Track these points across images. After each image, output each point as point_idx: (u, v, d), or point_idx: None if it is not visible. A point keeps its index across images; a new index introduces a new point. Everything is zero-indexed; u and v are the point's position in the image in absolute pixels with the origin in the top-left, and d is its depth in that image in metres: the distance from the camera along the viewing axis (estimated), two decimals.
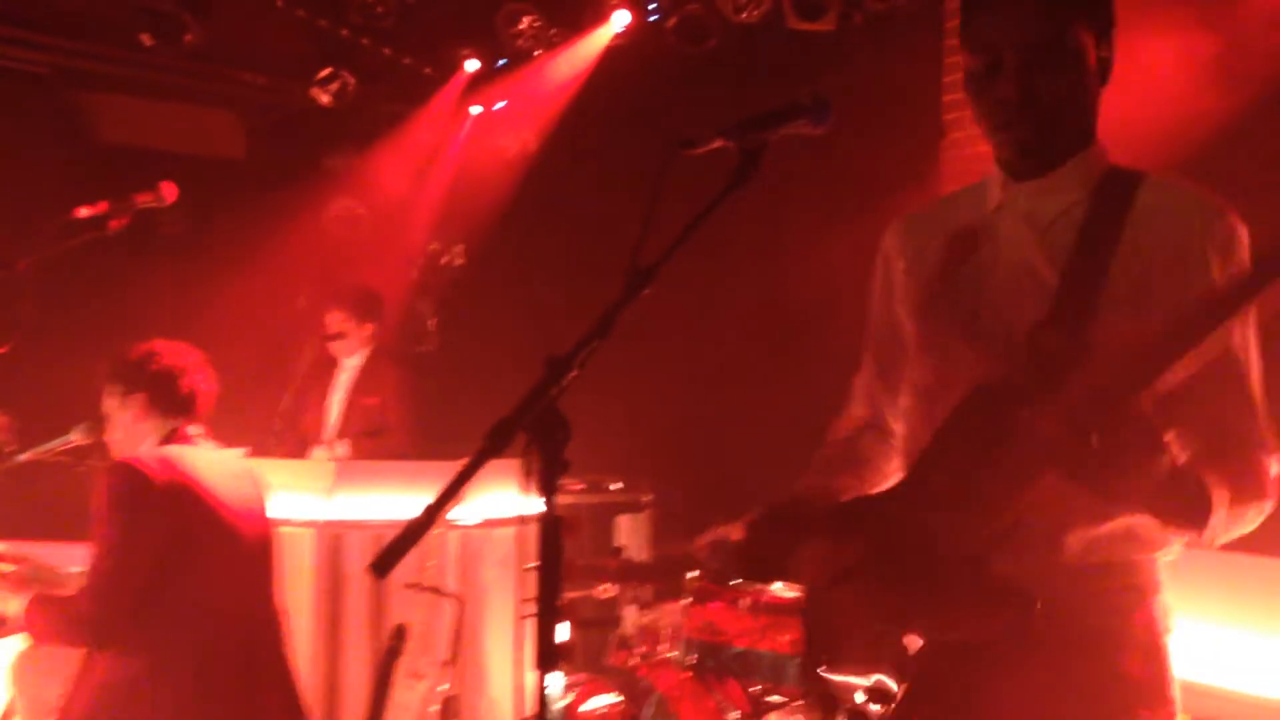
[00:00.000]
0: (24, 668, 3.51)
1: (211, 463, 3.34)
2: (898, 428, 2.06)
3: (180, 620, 3.10)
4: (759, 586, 3.91)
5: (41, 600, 3.13)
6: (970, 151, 4.68)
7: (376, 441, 5.40)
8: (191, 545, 3.13)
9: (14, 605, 3.14)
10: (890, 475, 2.05)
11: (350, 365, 5.64)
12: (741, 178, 1.66)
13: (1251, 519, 1.74)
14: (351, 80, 6.60)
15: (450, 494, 1.57)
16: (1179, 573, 1.84)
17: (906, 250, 2.04)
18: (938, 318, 1.94)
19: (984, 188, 1.94)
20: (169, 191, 3.31)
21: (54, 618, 3.07)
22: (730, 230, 1.79)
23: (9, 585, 3.22)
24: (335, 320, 5.54)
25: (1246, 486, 1.71)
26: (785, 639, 3.80)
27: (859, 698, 1.97)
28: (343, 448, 5.40)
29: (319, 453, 5.45)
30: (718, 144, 1.68)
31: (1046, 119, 1.80)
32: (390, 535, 1.49)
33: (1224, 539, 1.74)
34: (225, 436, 3.47)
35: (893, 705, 1.83)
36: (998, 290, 1.85)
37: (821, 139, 1.73)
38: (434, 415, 5.60)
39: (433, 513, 1.52)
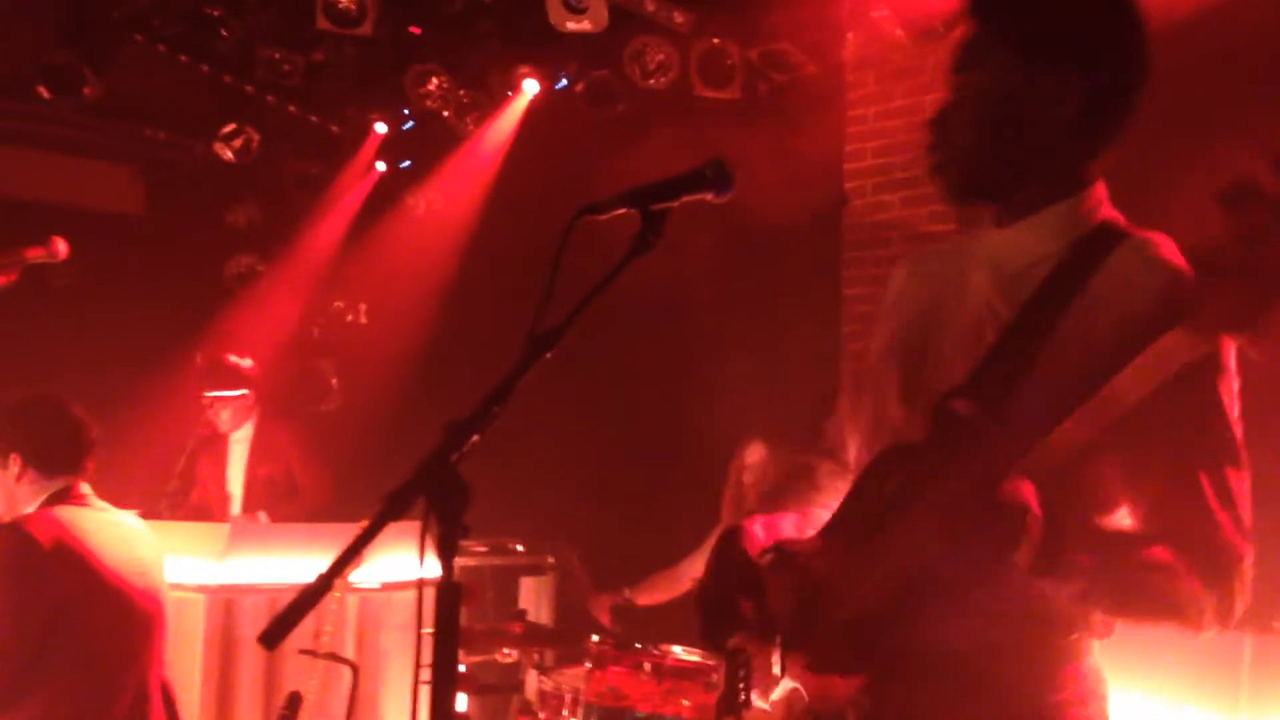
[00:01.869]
0: None
1: (102, 525, 3.24)
2: (849, 464, 2.03)
3: (67, 685, 3.00)
4: (664, 650, 3.90)
5: None
6: (870, 219, 4.78)
7: (292, 506, 5.29)
8: (80, 611, 3.03)
9: None
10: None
11: (240, 438, 5.52)
12: (643, 245, 1.66)
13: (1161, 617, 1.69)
14: (256, 137, 6.53)
15: (346, 559, 1.55)
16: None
17: (901, 285, 2.00)
18: (888, 362, 1.91)
19: (977, 227, 1.86)
20: (61, 247, 3.23)
21: None
22: (633, 293, 1.79)
23: None
24: (213, 402, 5.42)
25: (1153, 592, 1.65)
26: (688, 703, 3.78)
27: None
28: (263, 517, 5.28)
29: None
30: (621, 211, 1.69)
31: (967, 168, 1.78)
32: (285, 599, 1.46)
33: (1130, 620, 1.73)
34: (117, 497, 3.37)
35: None
36: (949, 344, 1.80)
37: (726, 205, 1.75)
38: (335, 475, 5.52)
39: (327, 579, 1.49)
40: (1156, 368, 1.47)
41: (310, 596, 1.45)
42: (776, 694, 1.85)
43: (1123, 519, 1.70)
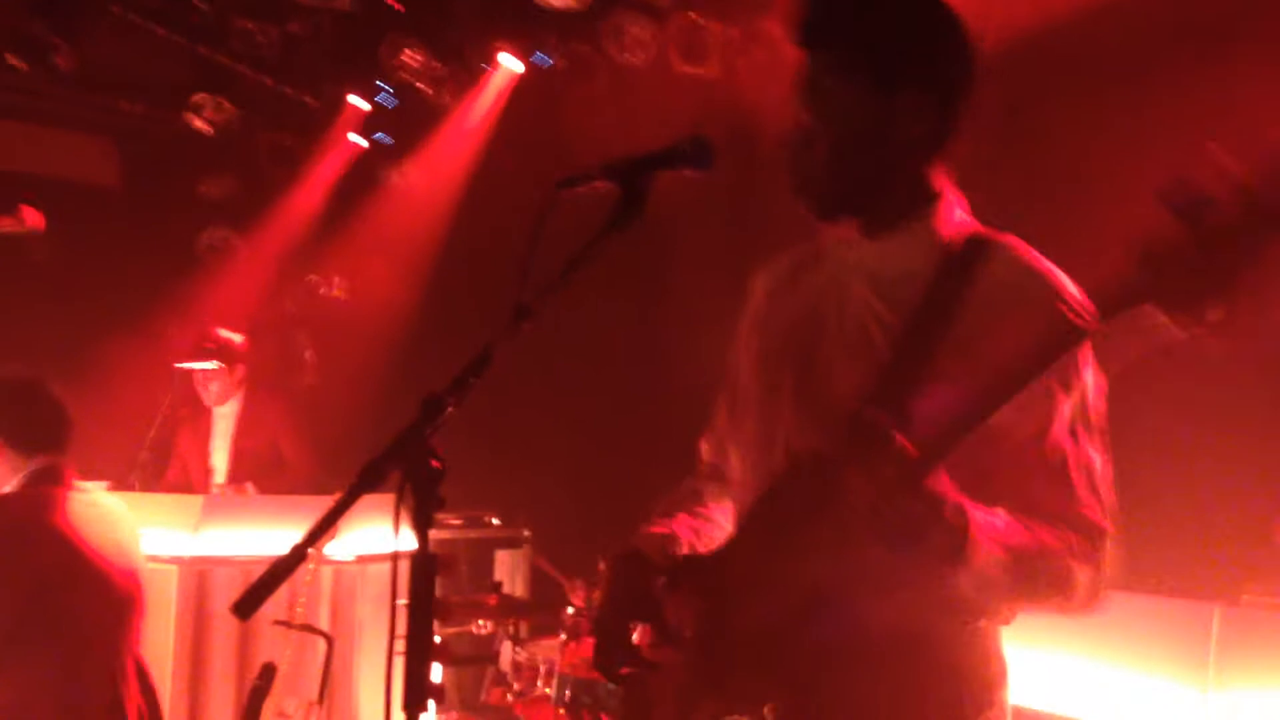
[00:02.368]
0: None
1: (80, 505, 3.22)
2: (734, 479, 2.05)
3: (44, 663, 2.99)
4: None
5: None
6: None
7: (278, 478, 5.28)
8: (57, 591, 3.03)
9: None
10: (726, 530, 2.03)
11: (225, 412, 5.49)
12: (622, 219, 1.66)
13: (1048, 598, 1.74)
14: (230, 108, 6.49)
15: (321, 530, 1.56)
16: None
17: (765, 295, 2.05)
18: (769, 373, 1.94)
19: (847, 238, 1.90)
20: (32, 216, 3.21)
21: None
22: (610, 265, 1.80)
23: None
24: (205, 374, 5.40)
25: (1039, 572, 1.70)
26: None
27: None
28: (251, 489, 5.27)
29: (223, 494, 5.30)
30: (599, 184, 1.69)
31: (825, 188, 1.83)
32: (259, 571, 1.46)
33: (1023, 608, 1.78)
34: (87, 467, 3.36)
35: None
36: (832, 353, 1.84)
37: (706, 181, 1.76)
38: (322, 449, 5.50)
39: (301, 550, 1.50)
40: (1039, 358, 1.55)
41: (284, 567, 1.46)
42: None
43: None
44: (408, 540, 1.53)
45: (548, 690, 4.06)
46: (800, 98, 1.83)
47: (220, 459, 5.45)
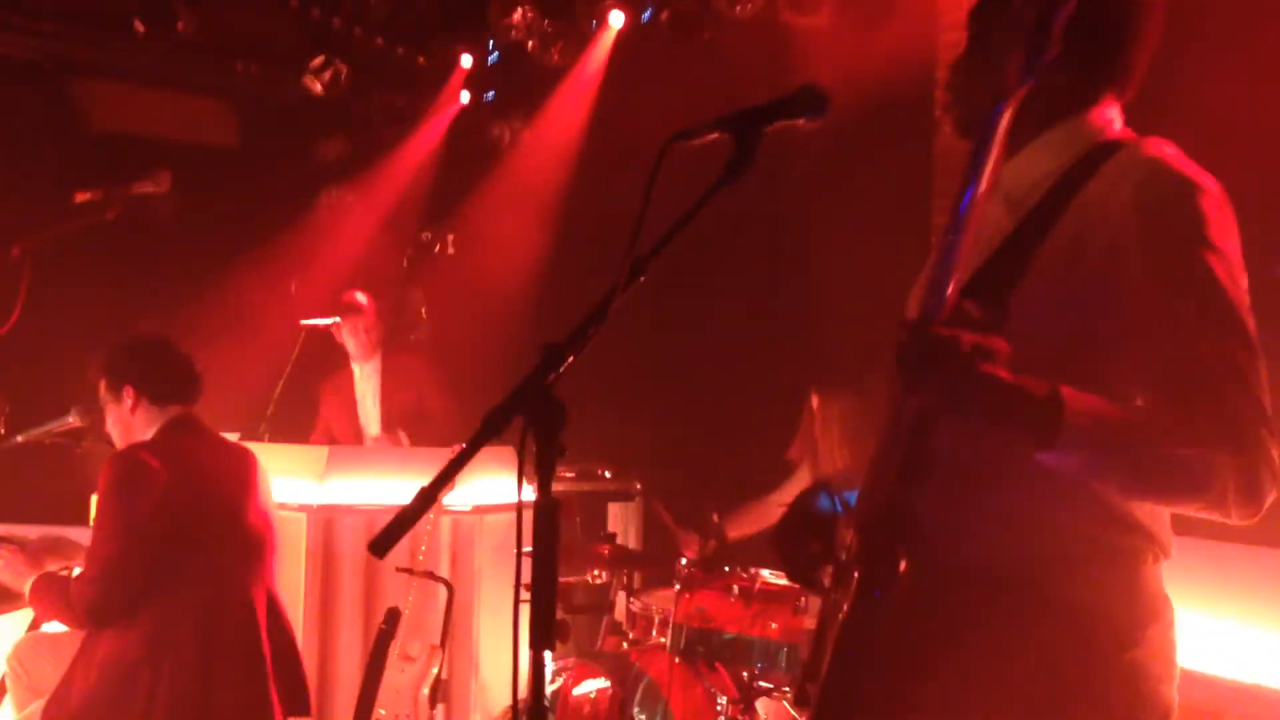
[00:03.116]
0: (23, 656, 3.56)
1: (212, 450, 3.39)
2: None
3: (180, 603, 3.15)
4: (753, 573, 3.96)
5: (46, 580, 3.19)
6: (961, 147, 4.71)
7: (424, 430, 5.42)
8: (190, 530, 3.18)
9: (26, 583, 3.21)
10: None
11: (370, 370, 5.62)
12: (736, 171, 1.67)
13: (1181, 488, 1.63)
14: (344, 70, 6.61)
15: (446, 477, 1.61)
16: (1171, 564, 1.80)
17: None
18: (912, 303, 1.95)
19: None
20: (165, 179, 3.35)
21: (55, 599, 3.13)
22: (724, 221, 1.81)
23: (26, 559, 3.28)
24: (341, 329, 5.53)
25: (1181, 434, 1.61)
26: (775, 626, 3.84)
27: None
28: (404, 437, 5.44)
29: (379, 445, 5.47)
30: (713, 136, 1.70)
31: (965, 103, 1.85)
32: (382, 520, 1.53)
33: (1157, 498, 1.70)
34: (215, 421, 3.51)
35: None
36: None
37: (816, 133, 1.76)
38: (464, 402, 5.60)
39: (429, 495, 1.55)
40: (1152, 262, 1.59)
41: (415, 510, 1.52)
42: None
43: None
44: (529, 488, 1.58)
45: (662, 639, 4.12)
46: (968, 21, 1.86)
47: (372, 415, 5.58)
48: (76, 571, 3.29)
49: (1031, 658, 1.70)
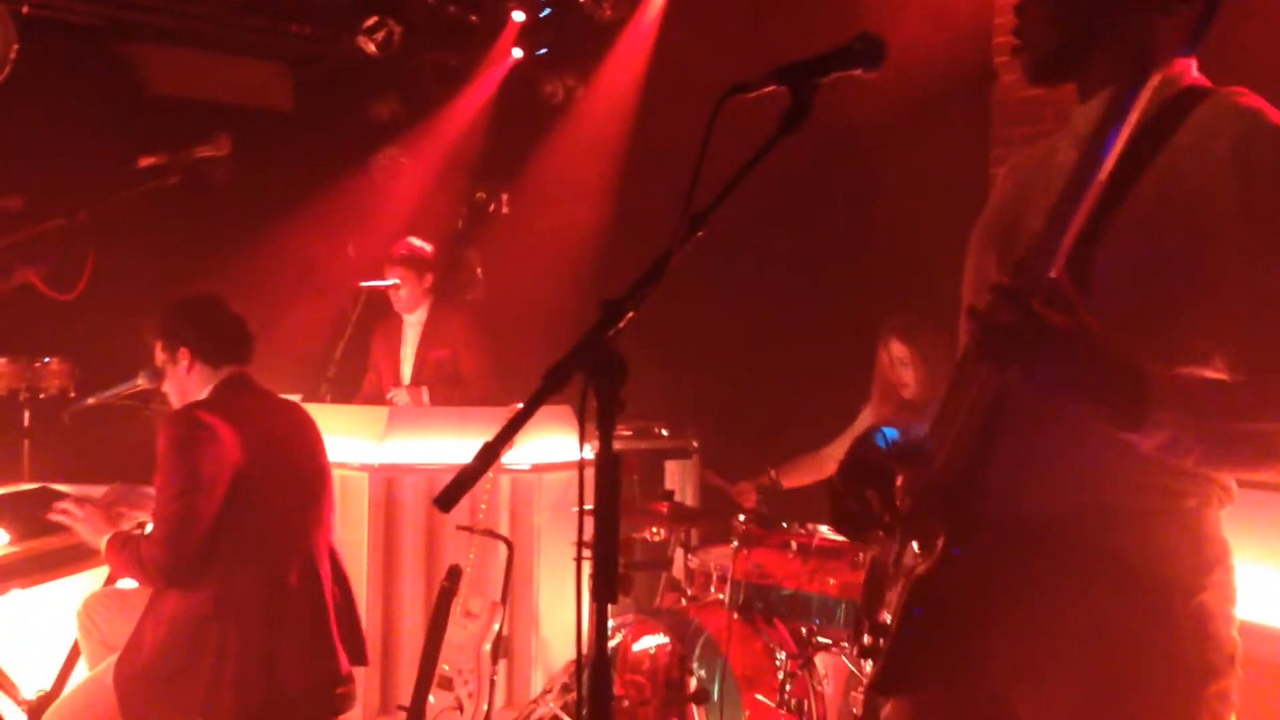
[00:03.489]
0: (93, 610, 3.64)
1: (265, 405, 3.44)
2: None
3: (246, 559, 3.21)
4: (811, 529, 3.96)
5: (121, 538, 3.27)
6: (1019, 95, 4.64)
7: (454, 390, 5.47)
8: (250, 486, 3.23)
9: (103, 539, 3.29)
10: None
11: (414, 320, 5.66)
12: (793, 122, 1.66)
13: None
14: (397, 29, 6.61)
15: (509, 433, 1.61)
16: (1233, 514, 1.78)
17: (998, 185, 2.02)
18: (979, 254, 1.92)
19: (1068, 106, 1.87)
20: (225, 142, 3.38)
21: (128, 557, 3.20)
22: (782, 174, 1.80)
23: (102, 515, 3.36)
24: (395, 275, 5.55)
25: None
26: (833, 581, 3.85)
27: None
28: (425, 394, 5.47)
29: (398, 394, 5.50)
30: (770, 89, 1.69)
31: (1041, 48, 1.80)
32: (442, 479, 1.54)
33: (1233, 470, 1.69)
34: (277, 383, 3.55)
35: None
36: (1038, 219, 1.75)
37: (873, 84, 1.74)
38: (499, 366, 5.62)
39: (493, 450, 1.57)
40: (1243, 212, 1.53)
41: (480, 464, 1.53)
42: None
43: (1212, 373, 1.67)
44: (586, 447, 1.59)
45: (720, 596, 4.15)
46: None
47: (407, 366, 5.64)
48: (149, 529, 3.36)
49: (1102, 605, 1.70)
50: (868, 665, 1.94)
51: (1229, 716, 1.71)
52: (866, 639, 1.93)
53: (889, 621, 1.85)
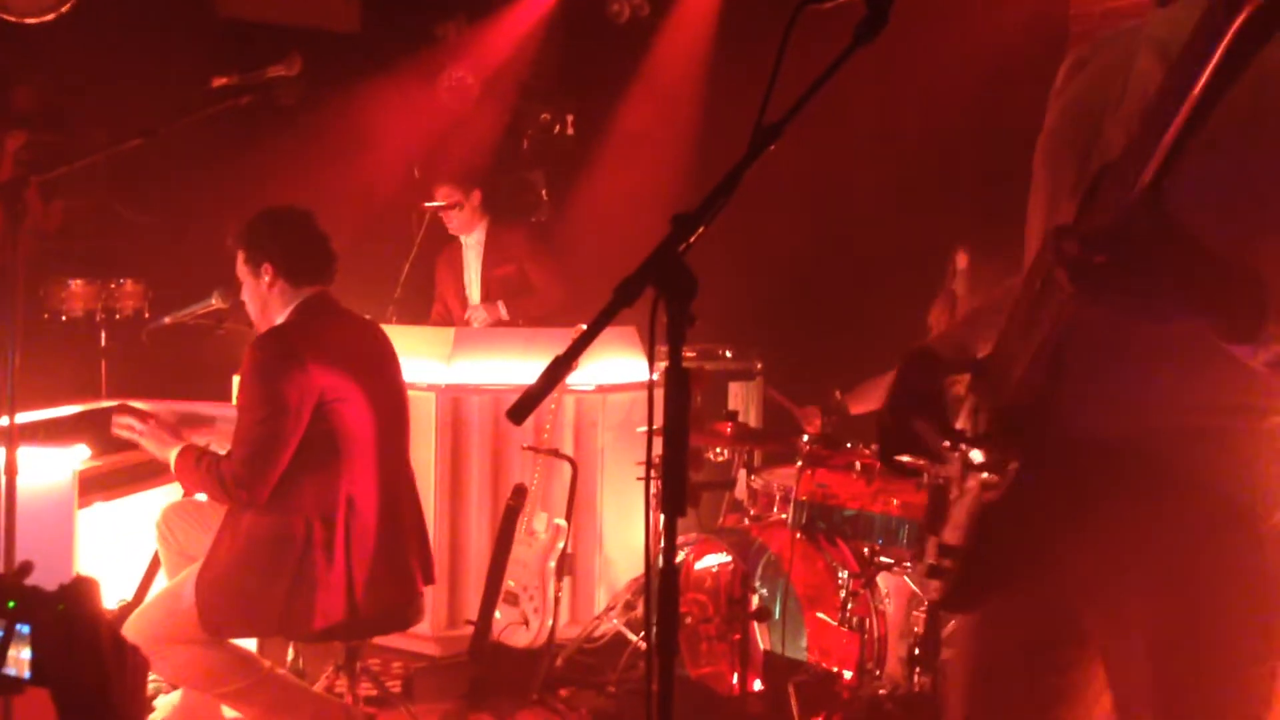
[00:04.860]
0: (170, 520, 3.71)
1: (346, 326, 3.47)
2: None
3: (326, 479, 3.25)
4: (875, 450, 3.96)
5: (195, 452, 3.31)
6: (1099, 7, 4.53)
7: (529, 301, 5.51)
8: (335, 410, 3.26)
9: (171, 451, 3.33)
10: None
11: (473, 242, 5.68)
12: (868, 31, 1.63)
13: None
14: None
15: (581, 346, 1.60)
16: None
17: (1064, 79, 1.93)
18: (1052, 167, 1.85)
19: (1145, 9, 1.77)
20: (296, 62, 3.39)
21: (205, 474, 3.24)
22: (848, 96, 1.77)
23: (164, 427, 3.41)
24: (444, 194, 5.56)
25: None
26: (896, 502, 3.86)
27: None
28: (502, 307, 5.53)
29: (475, 312, 5.56)
30: None
31: None
32: (508, 399, 1.56)
33: None
34: (345, 305, 3.58)
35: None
36: (1115, 130, 1.71)
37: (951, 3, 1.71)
38: (567, 277, 5.65)
39: (566, 361, 1.57)
40: None
41: (552, 377, 1.54)
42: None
43: None
44: (652, 366, 1.58)
45: (783, 515, 4.17)
46: None
47: (475, 285, 5.68)
48: (213, 447, 3.41)
49: (1179, 517, 1.68)
50: (932, 585, 1.94)
51: None
52: (930, 559, 1.94)
53: (953, 541, 1.86)
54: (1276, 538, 1.67)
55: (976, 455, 1.81)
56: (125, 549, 4.02)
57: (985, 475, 1.78)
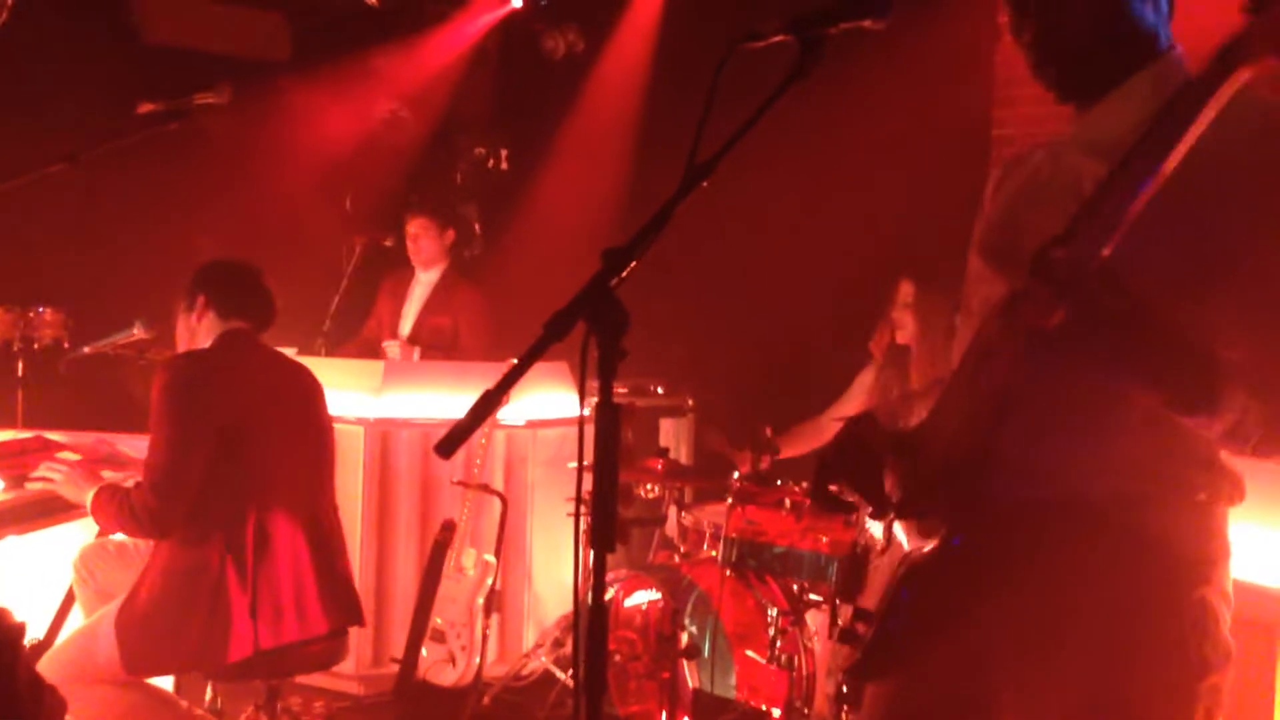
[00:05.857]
0: (89, 560, 3.63)
1: (265, 361, 3.43)
2: None
3: (240, 512, 3.19)
4: (805, 488, 3.97)
5: (107, 490, 3.23)
6: (1023, 113, 4.62)
7: (446, 357, 5.42)
8: (248, 438, 3.21)
9: (87, 495, 3.25)
10: None
11: (425, 280, 5.55)
12: (801, 71, 1.65)
13: None
14: None
15: (512, 380, 1.60)
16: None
17: (993, 189, 1.99)
18: (986, 253, 1.90)
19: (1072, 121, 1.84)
20: (227, 90, 3.36)
21: (117, 509, 3.17)
22: (780, 134, 1.78)
23: (84, 472, 3.33)
24: (417, 226, 5.47)
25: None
26: (825, 540, 3.86)
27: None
28: (416, 354, 5.42)
29: (391, 345, 5.43)
30: (779, 38, 1.67)
31: (1069, 55, 1.75)
32: (437, 434, 1.53)
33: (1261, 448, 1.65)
34: (272, 335, 3.54)
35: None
36: (1045, 215, 1.71)
37: (878, 39, 1.73)
38: (496, 339, 5.60)
39: (495, 397, 1.56)
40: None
41: (481, 410, 1.53)
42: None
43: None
44: (582, 403, 1.58)
45: (713, 553, 4.16)
46: None
47: (407, 323, 5.56)
48: (130, 483, 3.33)
49: (1108, 586, 1.70)
50: (843, 651, 1.94)
51: (1218, 713, 1.72)
52: (843, 624, 1.94)
53: (870, 607, 1.86)
54: (1199, 611, 1.70)
55: (901, 517, 1.82)
56: (37, 585, 3.90)
57: (906, 538, 1.79)
